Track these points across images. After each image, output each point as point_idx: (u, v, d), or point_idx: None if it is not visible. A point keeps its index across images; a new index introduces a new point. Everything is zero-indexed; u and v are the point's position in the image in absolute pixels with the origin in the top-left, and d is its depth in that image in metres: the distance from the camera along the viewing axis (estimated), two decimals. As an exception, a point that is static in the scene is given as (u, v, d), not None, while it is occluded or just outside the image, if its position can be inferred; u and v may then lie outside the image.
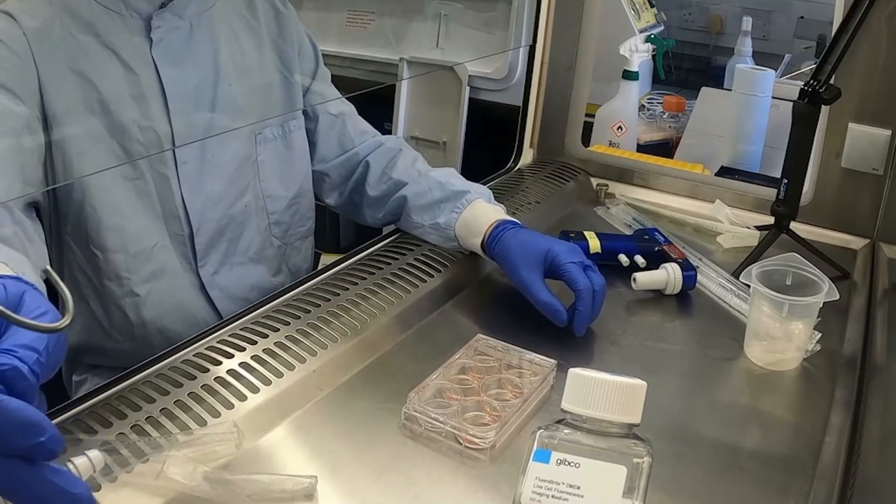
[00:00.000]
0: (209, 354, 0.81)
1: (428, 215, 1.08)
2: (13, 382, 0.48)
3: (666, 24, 2.02)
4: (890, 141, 1.18)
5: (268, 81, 1.09)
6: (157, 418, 0.71)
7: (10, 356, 0.49)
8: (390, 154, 1.16)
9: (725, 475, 0.73)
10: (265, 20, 1.10)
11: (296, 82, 1.12)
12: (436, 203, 1.07)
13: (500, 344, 0.86)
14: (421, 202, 1.09)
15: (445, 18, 2.02)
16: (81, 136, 0.91)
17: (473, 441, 0.72)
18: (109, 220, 0.94)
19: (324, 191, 1.20)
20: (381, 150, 1.17)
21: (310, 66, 1.16)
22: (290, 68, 1.11)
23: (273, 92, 1.09)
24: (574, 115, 1.47)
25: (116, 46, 0.93)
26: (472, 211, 1.05)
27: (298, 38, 1.13)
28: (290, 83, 1.11)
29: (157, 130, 0.95)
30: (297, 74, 1.12)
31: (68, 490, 0.48)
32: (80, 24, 0.92)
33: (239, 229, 1.06)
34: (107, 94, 0.92)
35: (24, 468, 0.47)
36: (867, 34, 1.13)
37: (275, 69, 1.10)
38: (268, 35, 1.09)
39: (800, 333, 0.89)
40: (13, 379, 0.48)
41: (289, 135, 1.11)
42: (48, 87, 0.89)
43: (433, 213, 1.07)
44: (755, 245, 1.15)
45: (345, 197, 1.19)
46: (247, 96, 1.04)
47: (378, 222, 1.19)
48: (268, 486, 0.66)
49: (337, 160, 1.17)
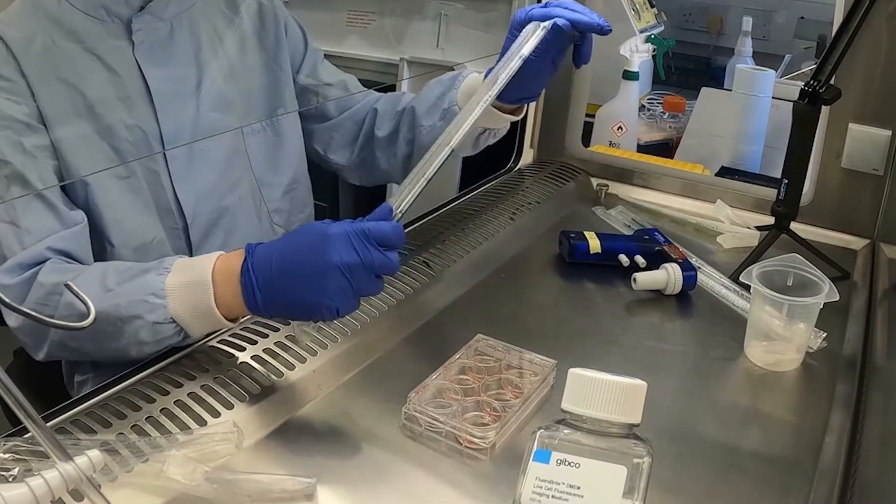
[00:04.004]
0: (209, 354, 0.81)
1: (436, 113, 1.09)
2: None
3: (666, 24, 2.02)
4: (890, 141, 1.18)
5: (251, 75, 1.10)
6: (157, 418, 0.71)
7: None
8: (397, 97, 1.18)
9: (725, 475, 0.73)
10: (248, 14, 1.11)
11: (283, 72, 1.13)
12: (438, 98, 1.09)
13: (500, 344, 0.86)
14: (426, 105, 1.11)
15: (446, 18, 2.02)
16: (73, 139, 0.93)
17: (473, 441, 0.72)
18: (110, 216, 0.96)
19: (332, 149, 1.20)
20: (388, 97, 1.19)
21: (299, 48, 1.17)
22: (277, 59, 1.13)
23: (258, 85, 1.11)
24: (574, 115, 1.47)
25: (99, 51, 0.95)
26: (468, 82, 1.07)
27: (286, 23, 1.15)
28: (276, 74, 1.13)
29: (144, 130, 0.97)
30: (286, 64, 1.14)
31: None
32: (62, 32, 0.94)
33: (234, 220, 1.06)
34: (93, 98, 0.94)
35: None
36: (867, 34, 1.13)
37: (259, 62, 1.11)
38: (251, 29, 1.11)
39: (800, 334, 0.89)
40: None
41: (277, 122, 1.12)
42: (37, 93, 0.91)
43: (438, 107, 1.09)
44: (755, 245, 1.15)
45: (355, 154, 1.19)
46: (231, 91, 1.06)
47: (394, 163, 1.17)
48: (268, 486, 0.66)
49: (343, 115, 1.18)
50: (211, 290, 0.78)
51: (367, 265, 0.73)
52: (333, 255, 0.72)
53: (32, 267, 0.87)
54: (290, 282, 0.74)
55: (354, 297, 0.74)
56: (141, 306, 0.79)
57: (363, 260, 0.73)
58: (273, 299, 0.76)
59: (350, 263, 0.72)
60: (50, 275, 0.86)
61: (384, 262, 0.74)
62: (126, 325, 0.80)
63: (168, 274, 0.80)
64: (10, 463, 0.60)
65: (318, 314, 0.75)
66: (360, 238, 0.73)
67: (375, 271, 0.74)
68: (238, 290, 0.76)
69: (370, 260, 0.73)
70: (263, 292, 0.75)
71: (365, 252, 0.73)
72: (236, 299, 0.77)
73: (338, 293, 0.73)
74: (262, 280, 0.75)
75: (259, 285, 0.75)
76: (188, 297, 0.79)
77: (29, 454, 0.61)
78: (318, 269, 0.72)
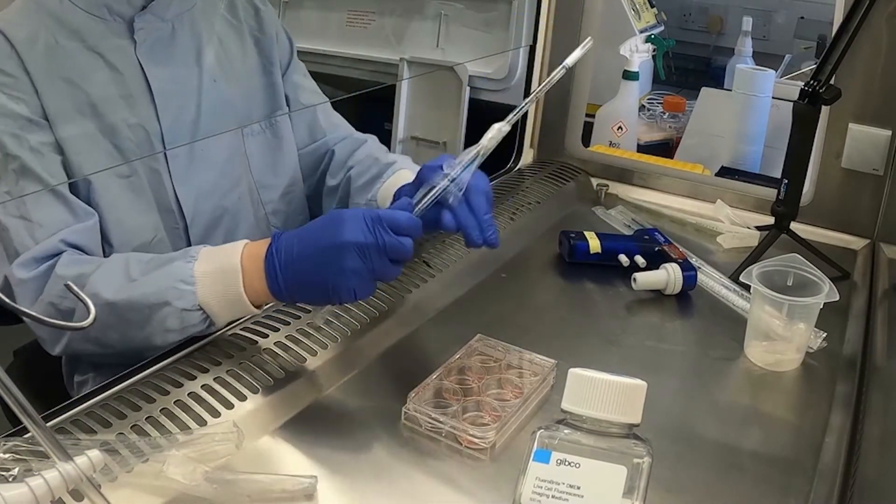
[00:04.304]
0: (209, 354, 0.81)
1: (364, 195, 1.09)
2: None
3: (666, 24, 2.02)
4: (890, 141, 1.18)
5: (251, 77, 1.11)
6: (157, 418, 0.71)
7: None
8: (355, 143, 1.18)
9: (725, 475, 0.73)
10: (245, 17, 1.12)
11: (276, 77, 1.14)
12: (371, 179, 1.09)
13: (500, 344, 0.86)
14: (360, 182, 1.10)
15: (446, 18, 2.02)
16: (76, 137, 0.93)
17: (473, 441, 0.72)
18: (111, 216, 0.96)
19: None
20: (348, 140, 1.19)
21: (285, 57, 1.17)
22: (272, 61, 1.14)
23: (257, 86, 1.12)
24: (574, 115, 1.47)
25: (102, 50, 0.96)
26: (394, 179, 1.06)
27: (277, 31, 1.15)
28: (273, 77, 1.13)
29: (146, 128, 0.97)
30: (278, 69, 1.14)
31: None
32: (65, 31, 0.94)
33: (234, 220, 1.07)
34: (95, 97, 0.94)
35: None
36: (867, 34, 1.13)
37: (257, 65, 1.12)
38: (249, 32, 1.12)
39: (800, 334, 0.89)
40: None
41: (276, 124, 1.13)
42: (41, 91, 0.91)
43: (366, 191, 1.08)
44: (755, 245, 1.15)
45: (312, 188, 1.20)
46: (232, 91, 1.07)
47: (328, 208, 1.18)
48: (268, 486, 0.66)
49: (306, 149, 1.18)
50: (240, 276, 0.80)
51: (379, 246, 0.75)
52: (346, 233, 0.75)
53: (48, 260, 0.87)
54: (309, 264, 0.77)
55: (370, 280, 0.77)
56: (170, 293, 0.81)
57: (376, 240, 0.75)
58: (294, 280, 0.78)
59: (362, 243, 0.75)
60: (68, 267, 0.87)
61: (396, 245, 0.76)
62: (154, 313, 0.81)
63: (195, 262, 0.82)
64: (10, 463, 0.60)
65: (335, 295, 0.77)
66: (372, 220, 0.76)
67: (388, 254, 0.76)
68: (263, 275, 0.79)
69: (382, 241, 0.75)
70: (285, 275, 0.78)
71: (378, 233, 0.75)
72: (262, 283, 0.79)
73: (353, 274, 0.75)
74: (285, 263, 0.78)
75: (281, 268, 0.78)
76: (216, 283, 0.81)
77: (29, 454, 0.61)
78: (334, 248, 0.75)
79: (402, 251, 0.77)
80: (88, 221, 0.92)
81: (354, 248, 0.75)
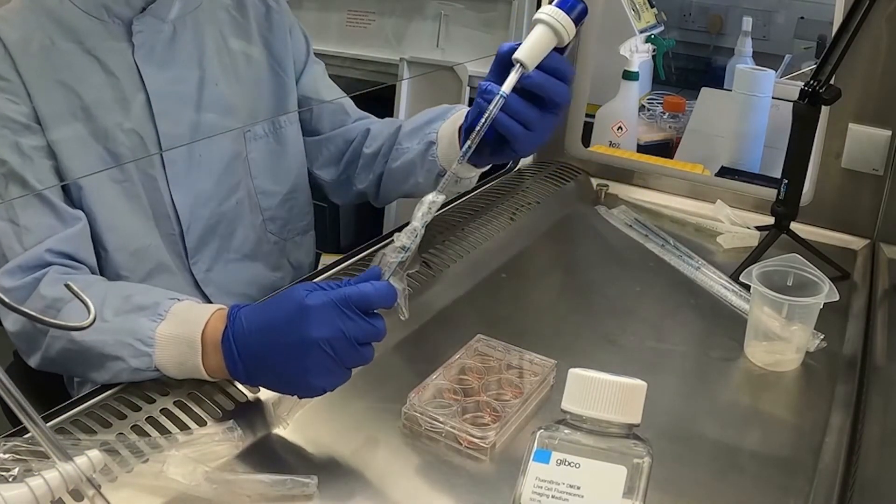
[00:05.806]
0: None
1: (416, 137, 1.06)
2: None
3: (666, 24, 2.02)
4: (890, 141, 1.18)
5: (257, 80, 1.09)
6: (157, 418, 0.71)
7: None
8: (394, 122, 1.16)
9: (725, 475, 0.73)
10: (255, 17, 1.10)
11: (288, 77, 1.12)
12: (425, 124, 1.07)
13: (500, 344, 0.86)
14: (411, 127, 1.09)
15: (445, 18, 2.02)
16: (68, 141, 0.92)
17: (473, 441, 0.73)
18: (105, 220, 0.95)
19: (320, 165, 1.19)
20: (386, 121, 1.17)
21: (301, 55, 1.16)
22: (283, 64, 1.11)
23: (263, 90, 1.10)
24: (574, 115, 1.47)
25: (98, 52, 0.94)
26: (457, 116, 1.03)
27: (291, 27, 1.13)
28: (282, 79, 1.11)
29: (140, 134, 0.96)
30: (290, 69, 1.13)
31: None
32: (62, 31, 0.93)
33: (231, 226, 1.06)
34: (89, 100, 0.93)
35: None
36: (867, 34, 1.13)
37: (265, 67, 1.10)
38: (258, 32, 1.10)
39: (800, 334, 0.89)
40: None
41: (280, 130, 1.11)
42: (33, 94, 0.90)
43: (421, 132, 1.06)
44: (755, 245, 1.15)
45: (340, 170, 1.18)
46: (235, 95, 1.05)
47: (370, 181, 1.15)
48: (268, 486, 0.66)
49: (335, 132, 1.17)
50: (199, 350, 0.74)
51: (349, 337, 0.68)
52: (313, 329, 0.67)
53: (34, 271, 0.86)
54: (272, 357, 0.70)
55: (340, 372, 0.70)
56: (126, 350, 0.76)
57: (345, 332, 0.68)
58: (257, 371, 0.72)
59: (330, 338, 0.67)
60: (51, 287, 0.84)
61: (368, 331, 0.69)
62: (108, 363, 0.77)
63: (161, 321, 0.76)
64: (10, 463, 0.60)
65: (302, 391, 0.71)
66: (340, 308, 0.68)
67: (359, 341, 0.69)
68: (222, 358, 0.73)
69: (352, 331, 0.68)
70: (246, 363, 0.71)
71: (347, 322, 0.68)
72: (222, 364, 0.73)
73: (321, 372, 0.69)
74: (244, 352, 0.71)
75: (241, 356, 0.71)
76: (176, 351, 0.75)
77: (29, 454, 0.61)
78: (299, 345, 0.68)
79: (375, 335, 0.70)
80: (76, 226, 0.91)
81: (321, 344, 0.67)
